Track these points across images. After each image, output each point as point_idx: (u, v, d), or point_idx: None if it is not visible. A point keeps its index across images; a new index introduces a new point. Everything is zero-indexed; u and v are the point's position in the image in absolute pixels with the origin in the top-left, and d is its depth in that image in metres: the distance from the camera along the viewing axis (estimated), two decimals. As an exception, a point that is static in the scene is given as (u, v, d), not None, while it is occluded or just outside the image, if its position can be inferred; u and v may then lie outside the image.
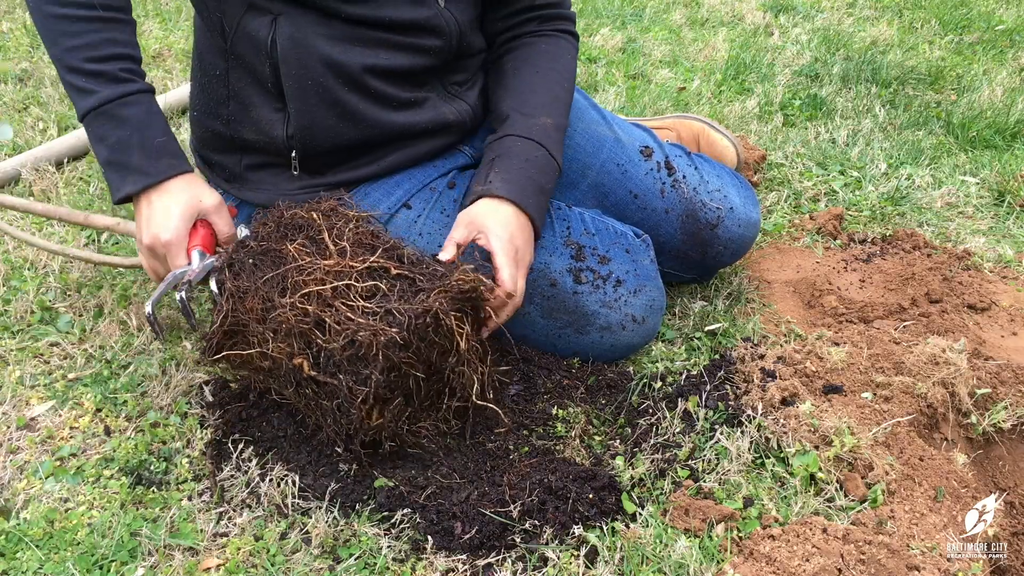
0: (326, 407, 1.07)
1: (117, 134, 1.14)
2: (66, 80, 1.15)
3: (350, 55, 1.20)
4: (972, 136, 2.23)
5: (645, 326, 1.34)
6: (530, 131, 1.28)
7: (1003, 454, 1.26)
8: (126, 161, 1.15)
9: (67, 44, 1.13)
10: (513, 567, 0.99)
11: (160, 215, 1.15)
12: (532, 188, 1.25)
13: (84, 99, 1.14)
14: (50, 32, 1.14)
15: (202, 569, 0.98)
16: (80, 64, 1.13)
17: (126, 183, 1.15)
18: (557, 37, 1.41)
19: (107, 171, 1.17)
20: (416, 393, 1.10)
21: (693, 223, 1.44)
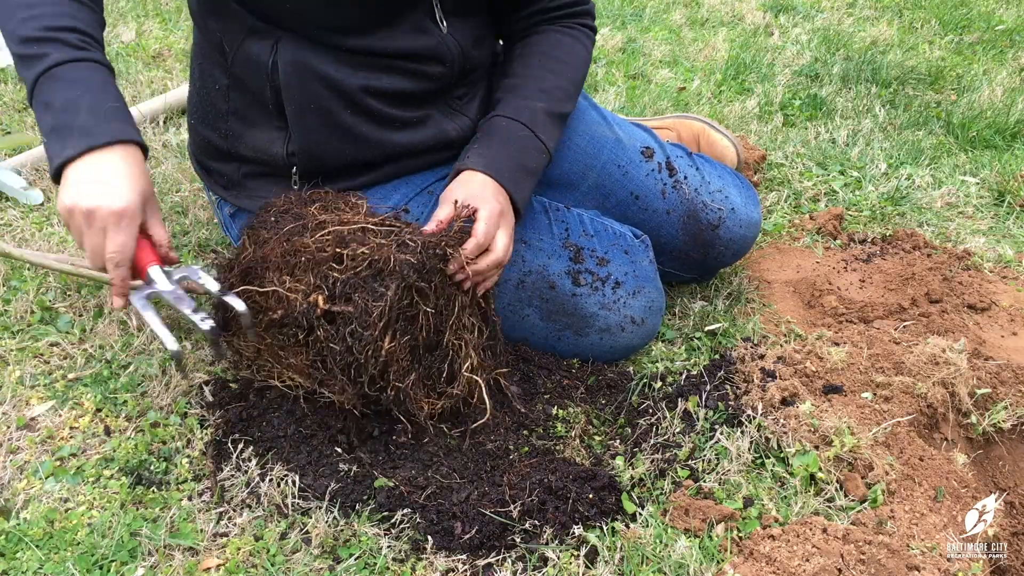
0: (335, 352, 1.09)
1: (64, 95, 1.02)
2: (18, 55, 1.04)
3: (352, 79, 1.20)
4: (972, 136, 2.23)
5: (644, 327, 1.34)
6: (518, 112, 1.27)
7: (1003, 454, 1.26)
8: (69, 123, 1.01)
9: (22, 15, 1.04)
10: (513, 567, 0.99)
11: (108, 178, 1.01)
12: (510, 164, 1.23)
13: (34, 65, 1.03)
14: (6, 6, 1.05)
15: (202, 569, 0.98)
16: (34, 32, 1.03)
17: (66, 147, 1.01)
18: (571, 28, 1.39)
19: (48, 142, 1.02)
20: (420, 352, 1.13)
21: (694, 224, 1.44)
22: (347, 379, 1.11)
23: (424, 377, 1.16)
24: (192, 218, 1.66)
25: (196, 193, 1.75)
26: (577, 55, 1.38)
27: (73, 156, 1.00)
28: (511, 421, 1.22)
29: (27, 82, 1.05)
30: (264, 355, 1.19)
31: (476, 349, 1.18)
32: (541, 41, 1.36)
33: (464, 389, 1.18)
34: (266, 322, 1.14)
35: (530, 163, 1.26)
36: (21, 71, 1.05)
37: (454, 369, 1.17)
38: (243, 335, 1.18)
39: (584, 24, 1.41)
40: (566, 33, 1.38)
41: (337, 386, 1.12)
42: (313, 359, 1.12)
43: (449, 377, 1.17)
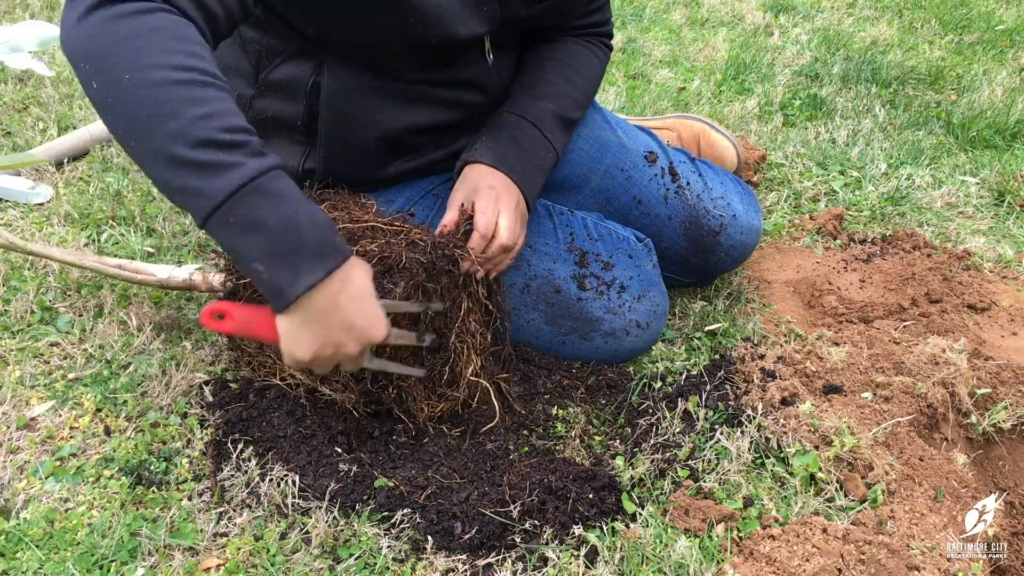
0: None
1: (279, 212, 0.87)
2: (189, 159, 0.85)
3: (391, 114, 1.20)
4: (972, 136, 2.23)
5: (649, 331, 1.34)
6: (525, 111, 1.28)
7: (1003, 454, 1.26)
8: (296, 245, 0.87)
9: (194, 113, 0.85)
10: (513, 567, 0.99)
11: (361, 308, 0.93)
12: (518, 157, 1.23)
13: (224, 176, 0.85)
14: (167, 100, 0.85)
15: (202, 569, 0.98)
16: (215, 135, 0.85)
17: (302, 273, 0.88)
18: (588, 40, 1.41)
19: (270, 267, 0.88)
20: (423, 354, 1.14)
21: (696, 230, 1.44)
22: (350, 377, 1.11)
23: (425, 379, 1.16)
24: (192, 218, 1.66)
25: (196, 193, 1.74)
26: (590, 66, 1.39)
27: (314, 283, 0.88)
28: (511, 421, 1.22)
29: (210, 196, 0.85)
30: (267, 350, 1.19)
31: (480, 354, 1.18)
32: (557, 48, 1.37)
33: (465, 392, 1.18)
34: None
35: (538, 160, 1.26)
36: (191, 179, 0.85)
37: (456, 372, 1.17)
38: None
39: (602, 41, 1.43)
40: (582, 44, 1.39)
41: (339, 384, 1.12)
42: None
43: (450, 380, 1.17)
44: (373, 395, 1.13)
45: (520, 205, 1.20)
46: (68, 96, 2.17)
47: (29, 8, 2.75)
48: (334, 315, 0.91)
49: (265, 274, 0.88)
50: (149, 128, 0.85)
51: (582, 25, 1.39)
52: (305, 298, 0.89)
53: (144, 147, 0.86)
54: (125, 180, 1.78)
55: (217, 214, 0.86)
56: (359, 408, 1.14)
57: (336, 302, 0.91)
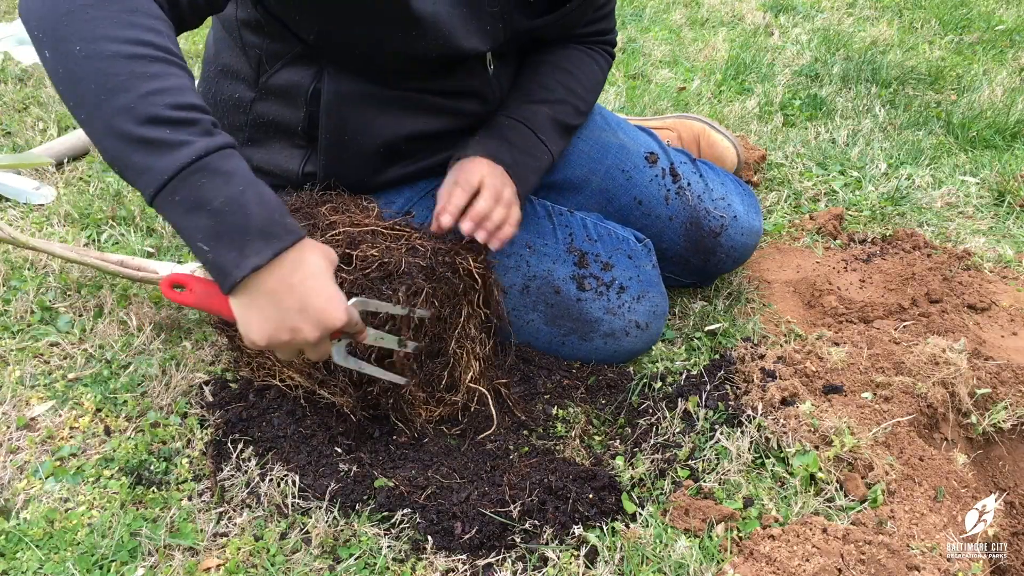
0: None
1: (225, 192, 0.85)
2: (136, 136, 0.83)
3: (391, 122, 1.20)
4: (972, 136, 2.23)
5: (648, 332, 1.34)
6: (520, 113, 1.28)
7: (1003, 454, 1.26)
8: (242, 226, 0.85)
9: (144, 88, 0.83)
10: (513, 567, 0.99)
11: (311, 295, 0.89)
12: (509, 153, 1.23)
13: (172, 154, 0.84)
14: (116, 76, 0.83)
15: (202, 569, 0.98)
16: (163, 112, 0.83)
17: (248, 254, 0.86)
18: (591, 48, 1.40)
19: (215, 247, 0.86)
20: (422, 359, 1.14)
21: (696, 231, 1.44)
22: (348, 381, 1.11)
23: (424, 383, 1.16)
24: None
25: (196, 193, 1.74)
26: (591, 72, 1.38)
27: (259, 265, 0.86)
28: (511, 421, 1.22)
29: (156, 174, 0.84)
30: (265, 353, 1.19)
31: (480, 359, 1.18)
32: (557, 53, 1.37)
33: (464, 398, 1.18)
34: None
35: (530, 159, 1.26)
36: (138, 156, 0.84)
37: (455, 377, 1.17)
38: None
39: (604, 48, 1.43)
40: (583, 50, 1.39)
41: (338, 388, 1.12)
42: (315, 360, 1.13)
43: (449, 385, 1.17)
44: (371, 400, 1.13)
45: (512, 187, 1.19)
46: (68, 96, 2.17)
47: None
48: (286, 297, 0.88)
49: (210, 254, 0.86)
50: (98, 102, 0.84)
51: (585, 33, 1.38)
52: (252, 279, 0.87)
53: (93, 121, 0.85)
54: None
55: (163, 192, 0.84)
56: (357, 412, 1.15)
57: (288, 284, 0.88)
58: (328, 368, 1.13)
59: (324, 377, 1.13)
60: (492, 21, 1.14)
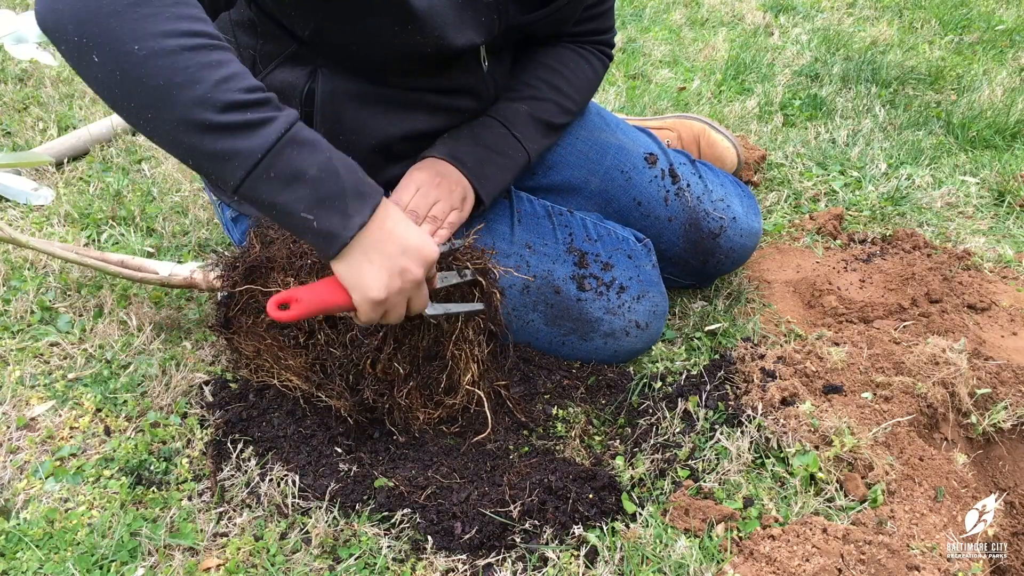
0: (335, 357, 1.09)
1: (316, 160, 0.88)
2: (219, 124, 0.84)
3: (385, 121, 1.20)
4: (972, 136, 2.23)
5: (648, 331, 1.34)
6: (498, 111, 1.28)
7: (1003, 454, 1.26)
8: (339, 190, 0.89)
9: (215, 77, 0.84)
10: (513, 567, 0.99)
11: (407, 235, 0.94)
12: (472, 151, 1.23)
13: (259, 133, 0.86)
14: (186, 69, 0.83)
15: (202, 569, 0.98)
16: (239, 96, 0.85)
17: (351, 214, 0.90)
18: (587, 50, 1.40)
19: (318, 213, 0.88)
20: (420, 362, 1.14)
21: (696, 232, 1.44)
22: (345, 385, 1.11)
23: (422, 386, 1.16)
24: (192, 218, 1.66)
25: (196, 193, 1.75)
26: (581, 71, 1.38)
27: (364, 222, 0.90)
28: (511, 421, 1.22)
29: (248, 155, 0.86)
30: (263, 355, 1.19)
31: (478, 362, 1.18)
32: (548, 52, 1.37)
33: (463, 400, 1.18)
34: (267, 322, 1.14)
35: (499, 156, 1.25)
36: (226, 142, 0.85)
37: (453, 380, 1.17)
38: (244, 334, 1.19)
39: (599, 48, 1.42)
40: (574, 50, 1.39)
41: (335, 391, 1.12)
42: (312, 362, 1.13)
43: (447, 387, 1.17)
44: (367, 404, 1.13)
45: (456, 191, 1.19)
46: (68, 96, 2.17)
47: (29, 8, 2.75)
48: (389, 243, 0.92)
49: (315, 222, 0.88)
50: (167, 97, 0.83)
51: (580, 32, 1.38)
52: (357, 238, 0.91)
53: (163, 118, 0.85)
54: (125, 180, 1.78)
55: (256, 171, 0.86)
56: (353, 415, 1.14)
57: (386, 232, 0.92)
58: (324, 371, 1.12)
59: (321, 380, 1.13)
60: (487, 12, 1.14)
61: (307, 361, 1.13)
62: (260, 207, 0.90)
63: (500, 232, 1.29)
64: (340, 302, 0.96)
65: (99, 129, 1.94)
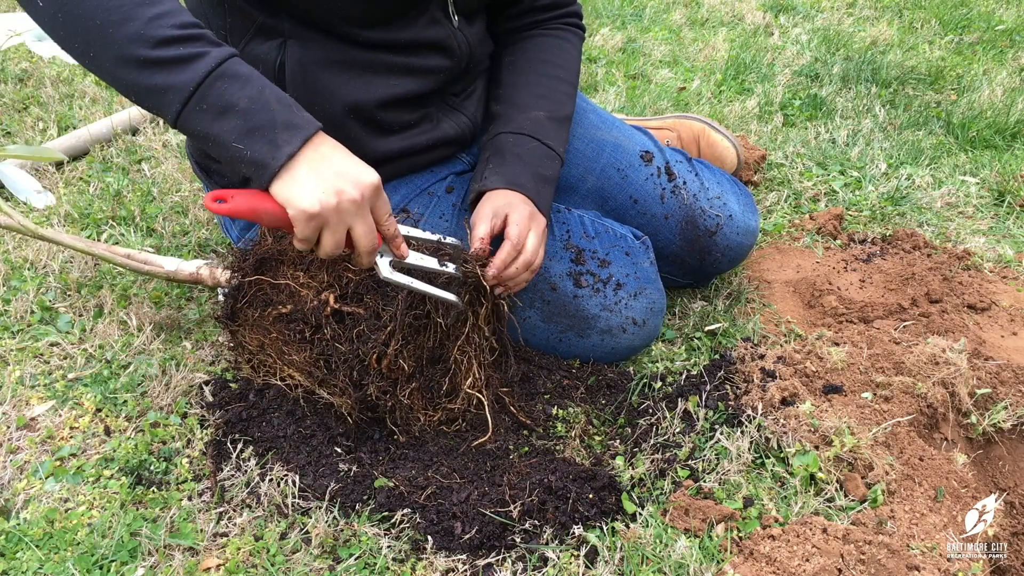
0: (340, 352, 1.09)
1: (247, 92, 0.92)
2: (152, 58, 0.89)
3: (358, 85, 1.19)
4: (972, 136, 2.23)
5: (646, 328, 1.34)
6: (521, 126, 1.28)
7: (1003, 454, 1.26)
8: (269, 120, 0.92)
9: (147, 14, 0.89)
10: (513, 567, 0.99)
11: (344, 162, 0.95)
12: (527, 174, 1.24)
13: (192, 66, 0.90)
14: (119, 7, 0.89)
15: (202, 569, 0.98)
16: (171, 32, 0.90)
17: (280, 144, 0.92)
18: (559, 30, 1.40)
19: (248, 143, 0.92)
20: (423, 364, 1.14)
21: (692, 230, 1.44)
22: (348, 381, 1.11)
23: (423, 388, 1.16)
24: (192, 218, 1.66)
25: (196, 193, 1.75)
26: (567, 55, 1.38)
27: (294, 152, 0.92)
28: (511, 421, 1.22)
29: (180, 88, 0.90)
30: (267, 349, 1.19)
31: (482, 367, 1.18)
32: (528, 47, 1.37)
33: (464, 403, 1.18)
34: (274, 315, 1.14)
35: (545, 171, 1.27)
36: (160, 77, 0.90)
37: (455, 383, 1.17)
38: (249, 327, 1.19)
39: (571, 24, 1.42)
40: (552, 35, 1.39)
41: (338, 388, 1.12)
42: (316, 357, 1.13)
43: (449, 391, 1.17)
44: (369, 402, 1.13)
45: (541, 221, 1.21)
46: (68, 96, 2.17)
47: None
48: (322, 166, 0.93)
49: (246, 152, 0.91)
50: (104, 35, 0.89)
51: (544, 6, 1.38)
52: (288, 165, 0.92)
53: (103, 55, 0.90)
54: (125, 180, 1.78)
55: (190, 104, 0.90)
56: (354, 414, 1.14)
57: (321, 156, 0.94)
58: (328, 367, 1.12)
59: (324, 376, 1.13)
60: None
61: (311, 356, 1.13)
62: (198, 139, 0.94)
63: None
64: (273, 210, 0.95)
65: (99, 129, 1.94)
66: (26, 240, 1.56)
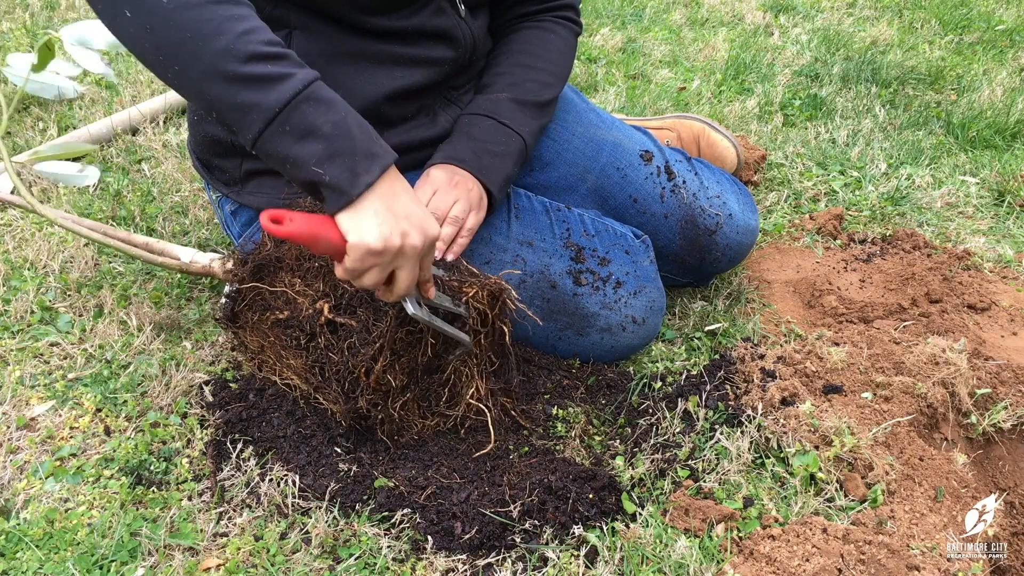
0: (333, 362, 1.09)
1: (330, 118, 0.92)
2: (242, 74, 0.89)
3: (364, 79, 1.19)
4: (972, 136, 2.23)
5: (645, 327, 1.34)
6: (478, 107, 1.29)
7: (1003, 454, 1.26)
8: (351, 148, 0.92)
9: (238, 29, 0.89)
10: (513, 567, 0.99)
11: (412, 205, 0.95)
12: (468, 147, 1.23)
13: (279, 87, 0.90)
14: (211, 21, 0.89)
15: (202, 569, 0.98)
16: (261, 48, 0.90)
17: (360, 173, 0.91)
18: (548, 23, 1.40)
19: (328, 168, 0.91)
20: (419, 375, 1.13)
21: (692, 229, 1.44)
22: (340, 392, 1.11)
23: (420, 398, 1.15)
24: (192, 218, 1.66)
25: (196, 193, 1.75)
26: (549, 45, 1.38)
27: (372, 182, 0.92)
28: (511, 421, 1.22)
29: (265, 107, 0.90)
30: (267, 351, 1.19)
31: (483, 377, 1.18)
32: (512, 40, 1.38)
33: (463, 412, 1.18)
34: (271, 320, 1.14)
35: (495, 146, 1.25)
36: (246, 94, 0.89)
37: (455, 393, 1.17)
38: (249, 330, 1.19)
39: (564, 17, 1.42)
40: (538, 28, 1.39)
41: (331, 395, 1.12)
42: (311, 364, 1.12)
43: (449, 399, 1.17)
44: (360, 412, 1.13)
45: (473, 189, 1.20)
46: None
47: (29, 8, 2.75)
48: (395, 204, 0.94)
49: (325, 176, 0.91)
50: (195, 48, 0.89)
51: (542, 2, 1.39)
52: (364, 195, 0.92)
53: (191, 68, 0.90)
54: (125, 180, 1.78)
55: (274, 124, 0.90)
56: (347, 421, 1.14)
57: (394, 194, 0.94)
58: (322, 374, 1.12)
59: (319, 383, 1.13)
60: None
61: (307, 363, 1.13)
62: (275, 161, 0.94)
63: (497, 227, 1.29)
64: (332, 237, 0.94)
65: (99, 129, 1.94)
66: (26, 240, 1.56)
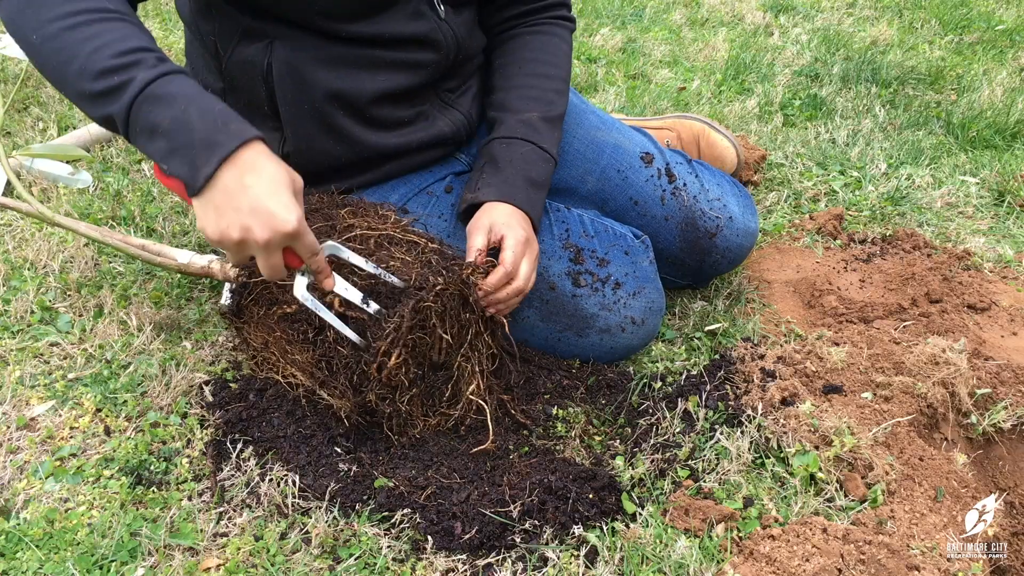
0: (342, 356, 1.09)
1: (169, 113, 0.91)
2: (94, 92, 0.93)
3: (345, 80, 1.19)
4: (972, 136, 2.23)
5: (644, 328, 1.34)
6: (514, 130, 1.28)
7: (1003, 454, 1.26)
8: (188, 141, 0.91)
9: (88, 48, 0.93)
10: (513, 567, 0.99)
11: (263, 198, 0.90)
12: (521, 183, 1.24)
13: (122, 95, 0.92)
14: (64, 47, 0.93)
15: (202, 569, 0.98)
16: (107, 63, 0.92)
17: (199, 166, 0.90)
18: (548, 25, 1.40)
19: (171, 163, 0.92)
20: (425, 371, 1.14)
21: (692, 231, 1.44)
22: (348, 385, 1.11)
23: (424, 395, 1.16)
24: (192, 218, 1.66)
25: (196, 193, 1.74)
26: (557, 51, 1.38)
27: (211, 173, 0.90)
28: (511, 421, 1.22)
29: (118, 117, 0.93)
30: (271, 347, 1.19)
31: (484, 374, 1.18)
32: (517, 47, 1.37)
33: (464, 409, 1.18)
34: (278, 314, 1.14)
35: (538, 176, 1.26)
36: (103, 108, 0.93)
37: (457, 390, 1.17)
38: (254, 325, 1.19)
39: (559, 16, 1.41)
40: (541, 32, 1.38)
41: (338, 390, 1.12)
42: (319, 359, 1.13)
43: (451, 397, 1.17)
44: (368, 406, 1.13)
45: (535, 247, 1.21)
46: (68, 96, 2.17)
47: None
48: (239, 196, 0.91)
49: (170, 172, 0.93)
50: (62, 76, 0.96)
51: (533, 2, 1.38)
52: (211, 186, 0.91)
53: (67, 95, 0.98)
54: (125, 180, 1.78)
55: (128, 130, 0.94)
56: (352, 417, 1.14)
57: (241, 184, 0.91)
58: (330, 368, 1.12)
59: (325, 378, 1.13)
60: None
61: (313, 357, 1.13)
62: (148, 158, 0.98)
63: None
64: None
65: (99, 129, 1.94)
66: (26, 240, 1.56)
